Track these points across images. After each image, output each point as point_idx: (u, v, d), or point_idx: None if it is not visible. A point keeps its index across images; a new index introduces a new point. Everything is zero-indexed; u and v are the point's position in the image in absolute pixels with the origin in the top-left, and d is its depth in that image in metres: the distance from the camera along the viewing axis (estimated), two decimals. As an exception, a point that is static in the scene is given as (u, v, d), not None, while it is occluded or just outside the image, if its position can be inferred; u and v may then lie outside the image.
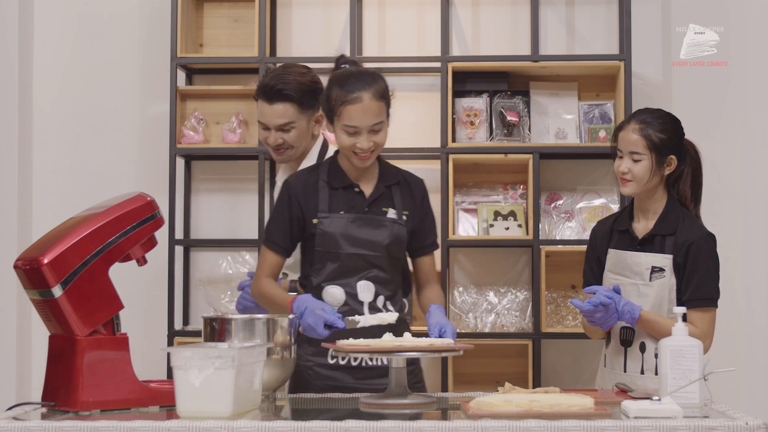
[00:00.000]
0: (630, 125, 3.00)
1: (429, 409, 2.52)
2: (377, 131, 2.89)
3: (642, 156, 2.96)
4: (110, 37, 4.55)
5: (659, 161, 2.97)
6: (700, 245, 2.93)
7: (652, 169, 2.96)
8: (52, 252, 2.39)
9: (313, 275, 2.97)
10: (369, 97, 2.86)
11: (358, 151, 2.89)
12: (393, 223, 2.97)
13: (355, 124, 2.86)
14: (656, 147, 2.96)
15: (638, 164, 2.97)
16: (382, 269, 2.95)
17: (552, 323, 4.31)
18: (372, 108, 2.86)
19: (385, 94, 2.91)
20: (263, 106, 3.15)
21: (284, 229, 2.99)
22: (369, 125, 2.87)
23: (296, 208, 2.98)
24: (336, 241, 2.93)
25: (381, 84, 2.91)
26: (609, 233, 3.10)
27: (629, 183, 2.99)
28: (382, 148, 2.95)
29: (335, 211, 2.96)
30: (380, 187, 2.99)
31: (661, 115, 3.01)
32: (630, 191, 3.00)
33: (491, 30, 4.54)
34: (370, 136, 2.88)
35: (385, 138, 2.94)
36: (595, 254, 3.11)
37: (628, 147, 2.98)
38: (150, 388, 2.48)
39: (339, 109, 2.87)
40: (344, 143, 2.89)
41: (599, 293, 2.86)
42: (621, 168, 3.00)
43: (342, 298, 2.94)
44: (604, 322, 2.90)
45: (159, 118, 4.50)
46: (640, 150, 2.96)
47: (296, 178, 3.04)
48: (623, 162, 3.00)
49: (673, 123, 3.01)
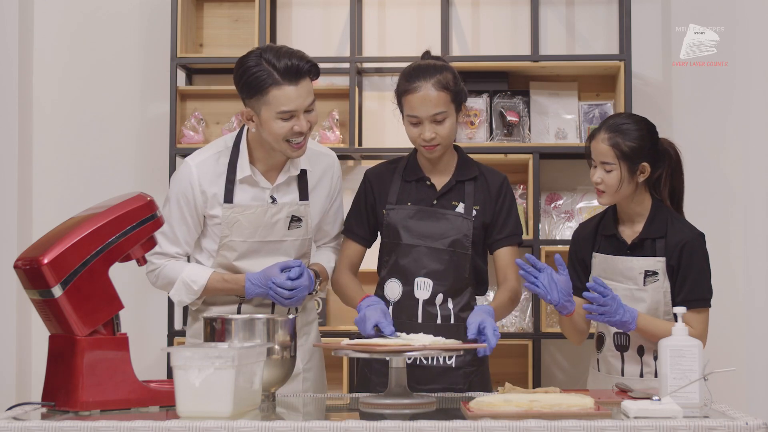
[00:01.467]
0: (600, 135, 2.94)
1: (429, 409, 2.52)
2: (440, 122, 2.89)
3: (612, 166, 2.91)
4: (110, 37, 4.55)
5: (631, 169, 2.91)
6: (693, 246, 2.91)
7: (622, 179, 2.91)
8: (52, 252, 2.39)
9: (381, 268, 3.03)
10: (429, 87, 2.88)
11: (422, 142, 2.91)
12: (458, 217, 2.96)
13: (416, 114, 2.89)
14: (626, 156, 2.91)
15: (610, 174, 2.92)
16: (444, 264, 2.94)
17: (552, 323, 4.31)
18: (431, 97, 2.87)
19: (450, 84, 2.89)
20: (285, 90, 2.82)
21: (360, 218, 3.07)
22: (429, 115, 2.88)
23: (370, 197, 3.05)
24: (397, 232, 2.96)
25: (446, 75, 2.90)
26: (593, 237, 3.06)
27: (603, 194, 2.96)
28: (449, 141, 2.95)
29: (403, 202, 2.99)
30: (452, 182, 3.00)
31: (632, 122, 2.94)
32: (605, 201, 2.97)
33: (491, 30, 4.54)
34: (432, 127, 2.89)
35: (451, 130, 2.92)
36: (579, 257, 3.08)
37: (599, 157, 2.94)
38: (150, 388, 2.48)
39: (402, 99, 2.92)
40: (410, 134, 2.94)
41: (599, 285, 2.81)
42: (594, 178, 2.96)
43: (399, 293, 2.95)
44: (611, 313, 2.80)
45: (159, 118, 4.50)
46: (609, 160, 2.91)
47: (376, 168, 3.11)
48: (596, 172, 2.96)
49: (644, 130, 2.95)
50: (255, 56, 2.84)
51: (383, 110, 4.49)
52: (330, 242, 3.20)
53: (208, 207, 2.97)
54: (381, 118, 4.50)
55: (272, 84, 2.81)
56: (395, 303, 2.97)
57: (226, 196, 2.95)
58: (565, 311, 2.87)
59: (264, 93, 2.82)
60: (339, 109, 4.42)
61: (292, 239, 3.01)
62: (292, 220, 2.99)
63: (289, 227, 2.99)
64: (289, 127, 2.84)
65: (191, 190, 2.96)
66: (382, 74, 4.52)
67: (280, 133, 2.85)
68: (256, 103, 2.85)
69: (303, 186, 3.03)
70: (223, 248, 2.97)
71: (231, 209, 2.95)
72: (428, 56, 3.03)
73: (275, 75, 2.81)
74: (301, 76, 2.83)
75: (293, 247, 3.01)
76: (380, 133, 4.49)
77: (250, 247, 2.97)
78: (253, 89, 2.83)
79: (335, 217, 3.17)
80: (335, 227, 3.18)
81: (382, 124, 4.49)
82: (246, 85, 2.85)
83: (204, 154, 3.01)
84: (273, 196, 2.99)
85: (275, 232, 2.98)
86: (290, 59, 2.82)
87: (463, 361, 2.96)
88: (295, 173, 3.01)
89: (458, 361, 2.95)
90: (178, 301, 3.00)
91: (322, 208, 3.08)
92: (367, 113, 4.52)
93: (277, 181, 2.99)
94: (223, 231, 2.96)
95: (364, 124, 4.49)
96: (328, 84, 4.50)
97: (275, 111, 2.82)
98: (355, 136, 4.31)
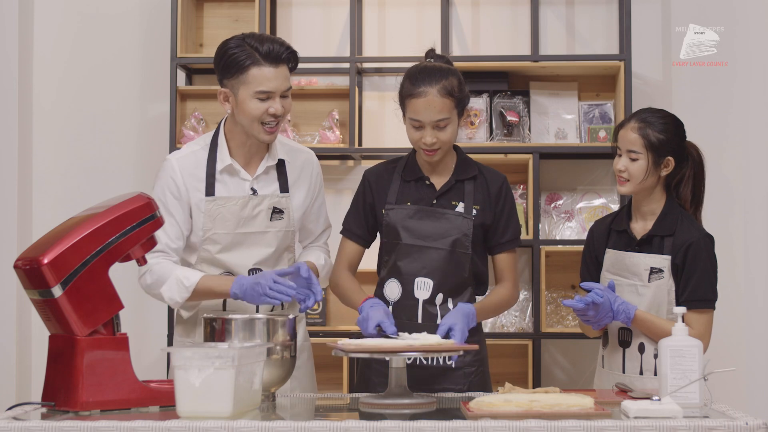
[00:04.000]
0: (630, 124, 3.00)
1: (429, 409, 2.52)
2: (442, 127, 2.89)
3: (639, 155, 2.96)
4: (110, 37, 4.55)
5: (656, 161, 2.96)
6: (698, 246, 2.92)
7: (648, 169, 2.96)
8: (52, 252, 2.39)
9: (381, 268, 3.02)
10: (434, 93, 2.87)
11: (423, 146, 2.91)
12: (458, 216, 2.96)
13: (419, 118, 2.89)
14: (654, 147, 2.95)
15: (635, 163, 2.96)
16: (444, 263, 2.94)
17: (552, 323, 4.31)
18: (435, 104, 2.87)
19: (455, 91, 2.89)
20: (265, 71, 2.89)
21: (359, 217, 3.07)
22: (432, 120, 2.88)
23: (369, 197, 3.04)
24: (396, 232, 2.96)
25: (451, 81, 2.90)
26: (607, 233, 3.09)
27: (626, 182, 2.99)
28: (449, 145, 2.95)
29: (402, 202, 2.99)
30: (452, 181, 3.00)
31: (662, 116, 3.00)
32: (626, 190, 3.00)
33: (491, 30, 4.54)
34: (434, 132, 2.89)
35: (452, 135, 2.93)
36: (593, 254, 3.11)
37: (626, 145, 2.98)
38: (150, 388, 2.48)
39: (406, 101, 2.92)
40: (411, 137, 2.94)
41: (593, 291, 2.86)
42: (618, 166, 3.00)
43: (398, 293, 2.95)
44: (596, 321, 2.90)
45: (159, 118, 4.50)
46: (637, 149, 2.96)
47: (374, 168, 3.11)
48: (620, 160, 3.00)
49: (673, 125, 3.00)
50: (237, 39, 2.95)
51: (383, 110, 4.50)
52: (315, 241, 3.22)
53: (192, 201, 3.01)
54: (381, 118, 4.50)
55: (252, 63, 2.89)
56: (395, 303, 2.97)
57: (208, 190, 2.99)
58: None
59: (243, 72, 2.90)
60: (339, 109, 4.43)
61: (275, 230, 3.03)
62: (274, 211, 3.03)
63: (271, 218, 3.03)
64: (264, 108, 2.91)
65: (174, 184, 3.00)
66: (382, 74, 4.52)
67: (256, 114, 2.91)
68: (235, 83, 2.93)
69: (283, 179, 3.07)
70: (206, 242, 3.00)
71: (213, 202, 2.99)
72: (432, 54, 3.02)
73: (256, 55, 2.90)
74: (280, 61, 2.92)
75: (276, 239, 3.04)
76: (380, 133, 4.49)
77: (233, 239, 3.00)
78: (233, 68, 2.91)
79: (318, 214, 3.19)
80: (319, 225, 3.20)
81: (382, 124, 4.49)
82: (226, 65, 2.93)
83: (184, 151, 3.08)
84: (253, 188, 3.02)
85: (257, 223, 3.01)
86: (272, 44, 2.92)
87: (463, 361, 2.96)
88: (273, 163, 3.05)
89: (458, 362, 2.95)
90: (168, 299, 2.99)
91: (303, 201, 3.11)
92: (367, 113, 4.52)
93: (257, 171, 3.03)
94: (205, 224, 2.99)
95: (364, 124, 4.49)
96: (328, 84, 4.50)
97: (254, 90, 2.90)
98: (355, 136, 4.31)
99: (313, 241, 3.22)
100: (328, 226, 3.25)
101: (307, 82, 4.47)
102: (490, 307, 2.99)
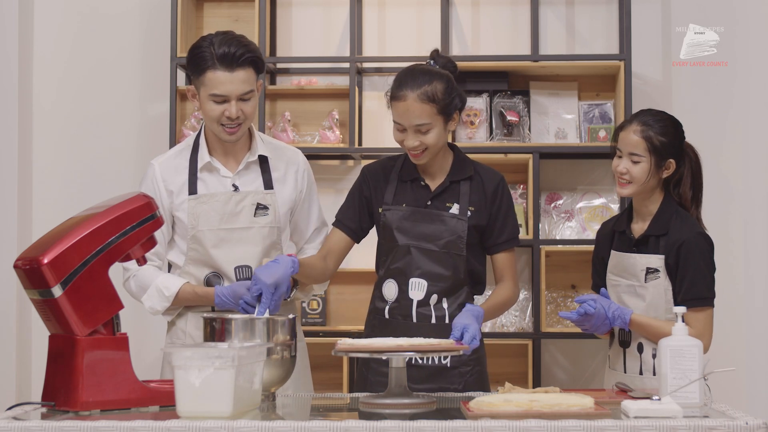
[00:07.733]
0: (631, 126, 2.99)
1: (429, 408, 2.52)
2: (424, 132, 2.88)
3: (641, 158, 2.95)
4: (110, 37, 4.55)
5: (658, 164, 2.96)
6: (690, 244, 2.91)
7: (650, 172, 2.95)
8: (52, 252, 2.39)
9: (379, 268, 3.03)
10: (414, 98, 2.86)
11: (406, 149, 2.91)
12: (452, 218, 2.95)
13: (399, 121, 2.89)
14: (656, 150, 2.95)
15: (637, 166, 2.96)
16: (439, 265, 2.94)
17: (552, 323, 4.31)
18: (414, 108, 2.86)
19: (437, 96, 2.86)
20: (219, 75, 2.91)
21: (353, 209, 3.06)
22: (412, 125, 2.87)
23: (366, 192, 3.04)
24: (392, 233, 2.95)
25: (435, 86, 2.87)
26: (611, 234, 3.10)
27: (627, 185, 2.99)
28: (437, 149, 2.93)
29: (398, 203, 2.99)
30: (446, 182, 2.99)
31: (663, 118, 3.00)
32: (627, 192, 2.99)
33: (491, 30, 4.54)
34: (417, 136, 2.88)
35: (438, 139, 2.90)
36: (600, 256, 3.12)
37: (628, 148, 2.97)
38: (150, 388, 2.48)
39: (390, 103, 2.93)
40: (395, 138, 2.95)
41: (586, 303, 2.89)
42: (619, 168, 2.99)
43: (394, 294, 2.96)
44: (595, 329, 2.93)
45: (159, 118, 4.50)
46: (639, 152, 2.95)
47: (374, 165, 3.10)
48: (622, 162, 2.99)
49: (674, 126, 3.00)
50: (207, 39, 2.97)
51: (383, 110, 4.47)
52: (309, 241, 3.23)
53: (175, 202, 3.05)
54: (381, 118, 4.50)
55: (208, 67, 2.93)
56: (392, 303, 2.97)
57: (191, 189, 3.04)
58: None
59: (202, 73, 2.95)
60: (339, 109, 4.43)
61: (260, 226, 3.05)
62: (258, 207, 3.05)
63: (255, 214, 3.04)
64: (220, 111, 2.95)
65: (156, 189, 3.06)
66: (382, 74, 4.52)
67: (212, 116, 2.97)
68: (197, 82, 2.99)
69: (267, 176, 3.09)
70: (193, 241, 3.02)
71: (196, 200, 3.02)
72: (436, 56, 3.02)
73: (213, 59, 2.92)
74: (237, 65, 2.92)
75: (261, 234, 3.05)
76: (380, 133, 4.49)
77: (219, 236, 3.02)
78: (194, 69, 2.98)
79: (309, 212, 3.19)
80: (310, 224, 3.21)
81: (382, 124, 4.49)
82: (189, 64, 3.00)
83: (167, 154, 3.16)
84: (234, 185, 3.04)
85: (241, 219, 3.03)
86: (229, 47, 2.92)
87: (459, 360, 2.96)
88: (254, 158, 3.08)
89: (453, 361, 2.95)
90: (149, 308, 3.02)
91: (289, 197, 3.12)
92: (367, 113, 4.52)
93: (238, 168, 3.06)
94: (190, 222, 3.01)
95: (364, 124, 4.49)
96: (328, 84, 4.50)
97: (208, 92, 2.95)
98: (355, 136, 4.31)
99: (307, 241, 3.23)
100: (323, 225, 3.25)
101: (307, 81, 4.47)
102: (494, 308, 3.00)
